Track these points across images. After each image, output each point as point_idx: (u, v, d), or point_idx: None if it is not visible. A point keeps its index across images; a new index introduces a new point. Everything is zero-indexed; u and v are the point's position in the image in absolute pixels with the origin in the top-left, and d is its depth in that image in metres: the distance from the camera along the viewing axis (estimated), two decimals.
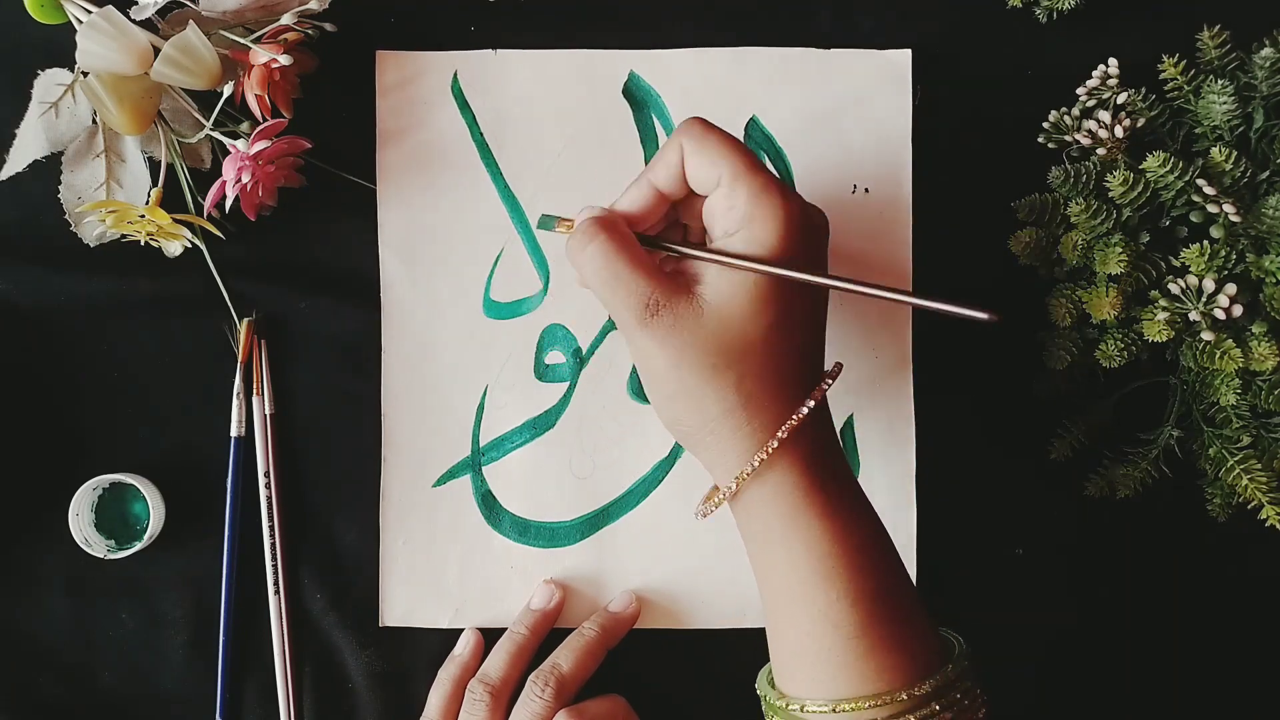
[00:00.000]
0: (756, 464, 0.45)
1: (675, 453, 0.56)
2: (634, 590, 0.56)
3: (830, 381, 0.46)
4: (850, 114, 0.56)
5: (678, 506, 0.56)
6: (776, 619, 0.47)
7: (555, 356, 0.56)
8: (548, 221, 0.51)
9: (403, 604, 0.56)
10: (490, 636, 0.56)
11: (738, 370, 0.45)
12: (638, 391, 0.56)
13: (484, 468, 0.56)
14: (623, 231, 0.47)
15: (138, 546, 0.54)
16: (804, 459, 0.45)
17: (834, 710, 0.45)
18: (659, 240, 0.48)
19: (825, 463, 0.46)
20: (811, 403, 0.45)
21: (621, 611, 0.55)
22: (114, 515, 0.55)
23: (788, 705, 0.46)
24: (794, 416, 0.45)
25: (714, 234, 0.47)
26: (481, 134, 0.56)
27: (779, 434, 0.45)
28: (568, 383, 0.56)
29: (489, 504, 0.56)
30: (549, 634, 0.55)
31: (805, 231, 0.45)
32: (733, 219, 0.46)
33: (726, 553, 0.56)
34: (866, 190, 0.56)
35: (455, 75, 0.56)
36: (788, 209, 0.45)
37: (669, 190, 0.47)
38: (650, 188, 0.47)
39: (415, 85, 0.56)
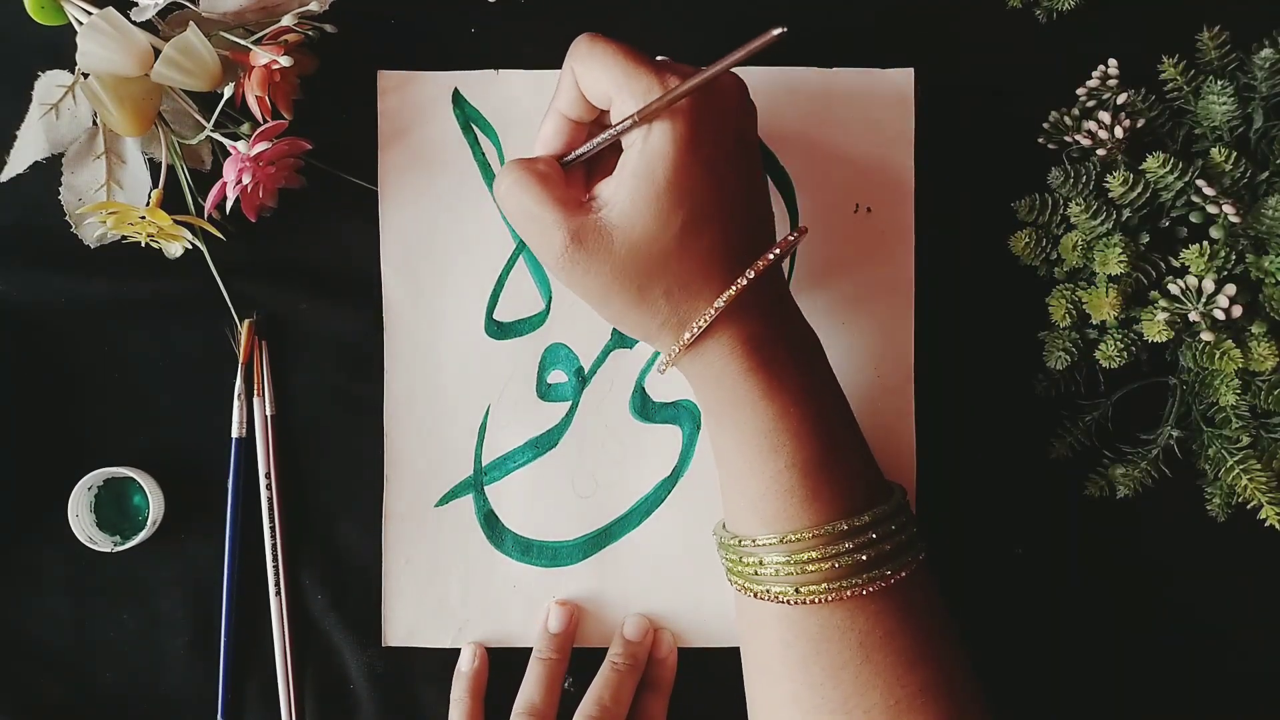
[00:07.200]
0: (686, 341, 0.45)
1: (677, 472, 0.56)
2: (639, 613, 0.56)
3: (774, 254, 0.45)
4: (853, 133, 0.55)
5: (680, 525, 0.56)
6: (729, 482, 0.48)
7: (557, 376, 0.56)
8: None
9: (405, 624, 0.56)
10: (494, 656, 0.56)
11: (662, 285, 0.45)
12: (640, 411, 0.56)
13: (486, 487, 0.56)
14: (537, 169, 0.46)
15: (142, 536, 0.54)
16: (743, 338, 0.45)
17: (781, 541, 0.46)
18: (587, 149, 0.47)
19: (769, 337, 0.46)
20: (732, 290, 0.44)
21: (643, 640, 0.55)
22: (114, 510, 0.55)
23: (739, 542, 0.48)
24: (714, 304, 0.44)
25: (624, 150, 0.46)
26: (483, 154, 0.56)
27: (697, 323, 0.44)
28: (570, 402, 0.56)
29: (491, 523, 0.56)
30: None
31: (703, 126, 0.44)
32: (631, 133, 0.45)
33: None
34: (869, 210, 0.56)
35: (457, 94, 0.56)
36: (677, 113, 0.44)
37: (577, 115, 0.47)
38: (560, 117, 0.47)
39: (416, 105, 0.55)
